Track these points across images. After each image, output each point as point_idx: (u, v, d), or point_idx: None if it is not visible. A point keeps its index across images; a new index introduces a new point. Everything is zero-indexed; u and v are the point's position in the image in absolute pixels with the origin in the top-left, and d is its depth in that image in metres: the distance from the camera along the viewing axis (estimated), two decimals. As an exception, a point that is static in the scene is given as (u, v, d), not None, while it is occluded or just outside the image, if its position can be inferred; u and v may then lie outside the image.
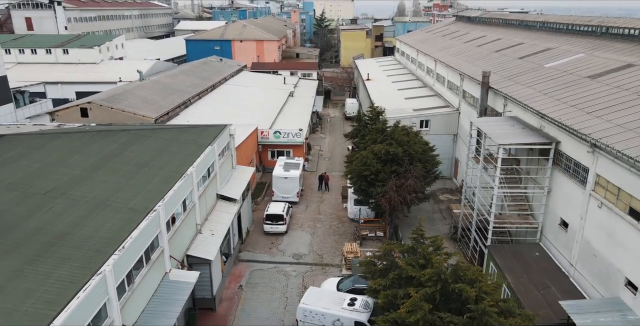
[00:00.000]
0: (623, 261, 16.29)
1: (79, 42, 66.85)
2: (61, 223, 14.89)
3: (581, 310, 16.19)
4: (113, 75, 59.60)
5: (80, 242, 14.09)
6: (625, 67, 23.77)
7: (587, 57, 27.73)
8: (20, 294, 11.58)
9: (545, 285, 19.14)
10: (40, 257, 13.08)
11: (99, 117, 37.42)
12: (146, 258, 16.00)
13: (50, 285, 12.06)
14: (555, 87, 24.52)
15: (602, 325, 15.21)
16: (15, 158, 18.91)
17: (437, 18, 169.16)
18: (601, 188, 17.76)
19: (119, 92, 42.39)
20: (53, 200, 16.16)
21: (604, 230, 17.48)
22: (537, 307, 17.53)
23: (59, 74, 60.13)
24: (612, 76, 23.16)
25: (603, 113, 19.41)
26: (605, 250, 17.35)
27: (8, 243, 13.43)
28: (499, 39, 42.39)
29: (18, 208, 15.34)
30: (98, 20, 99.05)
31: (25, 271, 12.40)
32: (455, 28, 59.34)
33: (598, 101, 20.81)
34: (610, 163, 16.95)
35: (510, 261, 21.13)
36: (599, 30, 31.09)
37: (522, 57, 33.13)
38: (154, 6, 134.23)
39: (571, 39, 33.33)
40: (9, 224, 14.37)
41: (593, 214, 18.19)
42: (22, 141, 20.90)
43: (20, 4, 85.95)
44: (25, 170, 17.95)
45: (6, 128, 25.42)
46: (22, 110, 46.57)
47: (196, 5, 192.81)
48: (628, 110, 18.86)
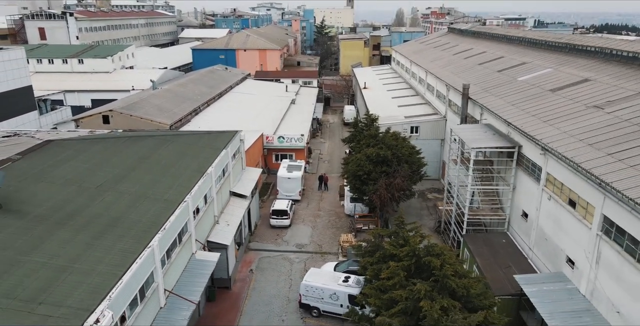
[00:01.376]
0: (564, 242, 20.13)
1: (93, 52, 70.87)
2: (113, 211, 18.73)
3: (530, 281, 20.02)
4: (126, 84, 63.58)
5: (131, 224, 17.94)
6: (581, 81, 27.68)
7: (553, 71, 31.64)
8: (93, 260, 15.39)
9: (507, 265, 22.93)
10: (103, 235, 16.90)
11: (120, 123, 41.29)
12: (179, 239, 19.82)
13: (114, 254, 15.88)
14: (522, 99, 28.43)
15: (545, 291, 19.02)
16: (67, 159, 22.76)
17: (435, 25, 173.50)
18: (550, 184, 21.61)
19: (136, 101, 46.31)
20: (104, 192, 20.01)
21: (552, 218, 21.32)
22: (498, 282, 21.37)
23: (74, 82, 64.10)
24: (569, 90, 27.06)
25: (555, 122, 23.28)
26: (553, 234, 21.18)
27: (77, 224, 17.26)
28: (483, 52, 46.33)
29: (78, 199, 19.18)
30: (107, 29, 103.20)
31: (94, 244, 16.21)
32: (447, 40, 63.33)
33: (553, 111, 24.70)
34: (556, 163, 20.80)
35: (481, 247, 24.93)
36: (567, 47, 35.04)
37: (501, 70, 37.05)
38: (159, 15, 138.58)
39: (544, 54, 37.26)
40: (74, 210, 18.20)
41: (545, 205, 22.03)
42: (68, 145, 24.75)
43: (34, 15, 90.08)
44: (77, 169, 21.80)
45: (46, 134, 29.30)
46: (44, 117, 50.43)
47: (199, 12, 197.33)
48: (575, 119, 22.73)
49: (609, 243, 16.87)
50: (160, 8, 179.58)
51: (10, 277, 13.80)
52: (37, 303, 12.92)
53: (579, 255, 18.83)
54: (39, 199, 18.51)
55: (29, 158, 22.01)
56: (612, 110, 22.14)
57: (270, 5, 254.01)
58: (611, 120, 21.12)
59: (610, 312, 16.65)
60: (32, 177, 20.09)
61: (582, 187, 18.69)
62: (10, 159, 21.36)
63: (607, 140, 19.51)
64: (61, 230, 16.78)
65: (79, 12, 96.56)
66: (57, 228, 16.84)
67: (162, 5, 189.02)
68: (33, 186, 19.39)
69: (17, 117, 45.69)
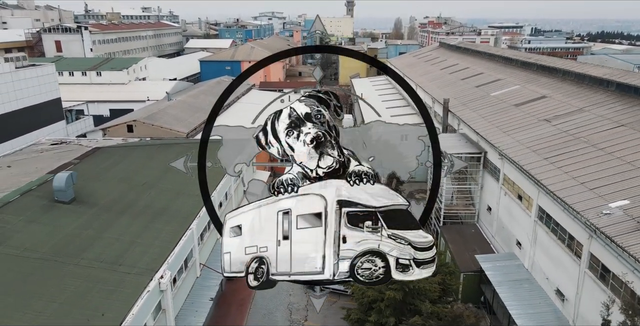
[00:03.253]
0: (515, 228, 25.28)
1: (110, 64, 76.30)
2: (158, 203, 23.90)
3: (488, 260, 25.17)
4: (141, 95, 68.85)
5: (174, 213, 23.10)
6: (540, 98, 32.94)
7: (520, 88, 36.91)
8: (151, 237, 20.52)
9: (474, 249, 28.04)
10: (154, 220, 22.06)
11: (142, 132, 46.48)
12: (208, 226, 24.98)
13: (165, 234, 21.03)
14: (492, 112, 33.67)
15: (498, 267, 24.17)
16: (115, 162, 27.95)
17: (432, 35, 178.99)
18: (506, 183, 26.79)
19: (155, 111, 51.59)
20: (149, 189, 25.19)
21: (507, 210, 26.49)
22: (465, 262, 26.48)
23: (94, 93, 69.35)
24: (529, 105, 32.31)
25: (512, 132, 28.50)
26: (507, 223, 26.34)
27: (133, 213, 22.43)
28: (467, 68, 51.67)
29: (129, 194, 24.35)
30: (118, 41, 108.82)
31: (149, 227, 21.37)
32: (437, 54, 68.76)
33: (513, 123, 29.92)
34: (509, 166, 25.98)
35: (454, 236, 30.08)
36: (535, 66, 40.34)
37: (478, 86, 42.34)
38: (166, 26, 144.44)
39: (516, 71, 42.56)
40: (129, 202, 23.37)
41: (502, 200, 27.19)
42: (112, 151, 29.95)
43: (51, 29, 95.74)
44: (125, 171, 26.99)
45: (89, 142, 34.49)
46: (70, 126, 55.67)
47: (203, 22, 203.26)
48: (527, 130, 27.95)
49: (542, 226, 22.03)
50: (165, 18, 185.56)
51: (95, 248, 18.94)
52: (118, 265, 18.06)
53: (524, 237, 23.98)
54: (100, 194, 23.68)
55: (86, 162, 27.19)
56: (557, 123, 27.37)
57: (272, 14, 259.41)
58: (553, 131, 26.34)
59: (543, 280, 21.78)
60: (92, 177, 25.25)
61: (526, 184, 23.86)
62: (71, 163, 26.54)
63: (546, 147, 24.70)
64: (122, 217, 21.94)
65: (92, 25, 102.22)
66: (119, 215, 22.00)
67: (166, 15, 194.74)
68: (94, 184, 24.55)
69: (48, 126, 50.94)
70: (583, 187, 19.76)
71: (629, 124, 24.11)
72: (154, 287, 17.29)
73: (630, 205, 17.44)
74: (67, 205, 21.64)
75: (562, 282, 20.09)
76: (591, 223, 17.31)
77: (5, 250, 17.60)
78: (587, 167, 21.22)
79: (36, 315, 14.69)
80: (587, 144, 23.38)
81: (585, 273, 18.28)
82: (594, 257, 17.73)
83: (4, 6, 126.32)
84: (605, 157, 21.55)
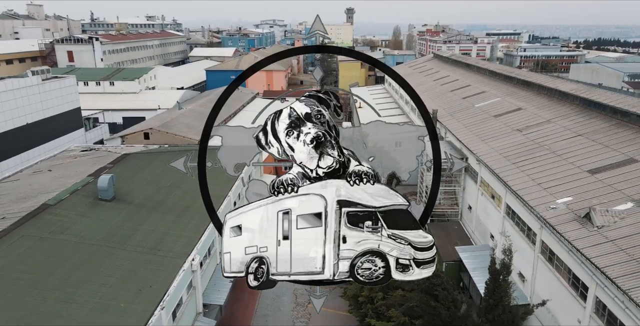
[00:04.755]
0: (489, 223, 29.36)
1: (122, 74, 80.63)
2: (183, 202, 27.97)
3: (465, 250, 29.22)
4: (152, 103, 73.12)
5: (196, 210, 27.12)
6: (516, 110, 37.10)
7: (501, 100, 41.10)
8: (180, 229, 24.60)
9: (455, 243, 32.10)
10: (181, 216, 26.15)
11: (158, 139, 50.59)
12: (225, 222, 29.02)
13: (191, 227, 25.09)
14: (473, 122, 37.82)
15: (474, 255, 28.23)
16: (143, 167, 32.07)
17: (430, 43, 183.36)
18: (482, 185, 30.89)
19: (168, 120, 55.82)
20: (174, 190, 29.30)
21: (483, 208, 30.58)
22: (447, 253, 30.50)
23: (107, 102, 73.58)
24: (506, 116, 36.47)
25: (489, 140, 32.64)
26: (484, 219, 30.42)
27: (163, 210, 26.53)
28: (457, 80, 55.88)
29: (158, 194, 28.46)
30: (127, 51, 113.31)
31: (177, 221, 25.46)
32: (431, 65, 73.05)
33: (491, 132, 34.06)
34: (485, 170, 30.08)
35: (439, 232, 34.09)
36: (515, 80, 44.54)
37: (465, 97, 46.52)
38: (171, 35, 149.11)
39: (499, 84, 46.77)
40: (158, 201, 27.48)
41: (480, 200, 31.28)
42: (139, 157, 34.09)
43: (64, 39, 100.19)
44: (152, 174, 31.10)
45: (114, 148, 38.63)
46: (88, 133, 59.86)
47: (206, 31, 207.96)
48: (502, 139, 32.09)
49: (509, 221, 26.11)
50: (169, 26, 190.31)
51: (137, 237, 23.04)
52: (156, 250, 22.17)
53: (495, 231, 28.06)
54: (134, 194, 27.80)
55: (118, 166, 31.30)
56: (527, 133, 31.51)
57: (273, 22, 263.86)
58: (523, 140, 30.48)
59: (509, 265, 25.81)
60: (125, 179, 29.35)
61: (497, 185, 27.96)
62: (106, 167, 30.66)
63: (515, 154, 28.82)
64: (154, 212, 26.06)
65: (102, 36, 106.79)
66: (151, 211, 26.13)
67: (170, 23, 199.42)
68: (128, 185, 28.66)
69: (69, 134, 55.12)
70: (539, 187, 23.86)
71: (585, 134, 28.24)
72: (187, 267, 21.38)
73: (573, 200, 21.52)
74: (108, 202, 25.78)
75: (523, 266, 24.14)
76: (541, 216, 21.40)
77: (66, 237, 21.72)
78: (544, 170, 25.33)
79: (100, 286, 18.78)
80: (548, 151, 27.52)
81: (538, 257, 22.34)
82: (544, 244, 21.80)
83: (15, 17, 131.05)
84: (561, 162, 25.67)
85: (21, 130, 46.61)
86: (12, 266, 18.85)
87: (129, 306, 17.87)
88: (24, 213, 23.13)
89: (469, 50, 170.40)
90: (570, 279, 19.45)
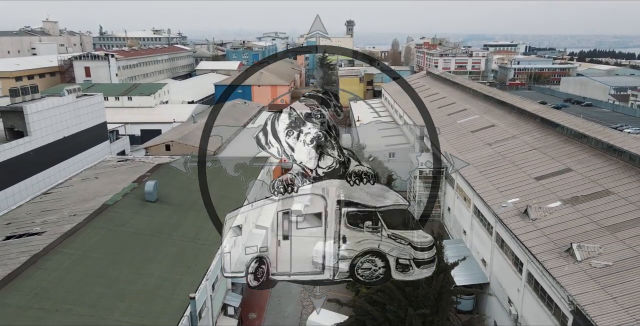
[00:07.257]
0: (462, 221, 35.58)
1: (138, 90, 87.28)
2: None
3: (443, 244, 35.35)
4: (167, 117, 79.64)
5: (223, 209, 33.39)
6: (490, 126, 43.45)
7: (479, 117, 47.47)
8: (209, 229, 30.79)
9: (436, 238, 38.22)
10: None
11: (178, 150, 56.84)
12: (245, 220, 35.30)
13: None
14: (454, 137, 44.15)
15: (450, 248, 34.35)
16: (175, 174, 38.24)
17: (427, 55, 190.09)
18: (458, 189, 37.13)
19: (186, 133, 62.20)
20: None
21: (458, 209, 36.80)
22: (429, 247, 36.69)
23: (126, 115, 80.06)
24: (481, 131, 42.80)
25: (465, 152, 38.92)
26: (459, 218, 36.64)
27: (196, 209, 32.70)
28: (444, 97, 62.33)
29: (191, 196, 34.66)
30: (139, 66, 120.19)
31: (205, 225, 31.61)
32: (424, 82, 79.59)
33: (467, 145, 40.37)
34: (459, 177, 36.33)
35: (425, 230, 40.30)
36: (492, 99, 50.94)
37: (450, 114, 52.90)
38: (179, 50, 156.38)
39: (480, 102, 53.16)
40: (191, 202, 33.68)
41: (456, 202, 37.51)
42: (170, 167, 40.36)
43: (81, 56, 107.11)
44: (183, 180, 37.32)
45: (146, 158, 44.93)
46: (112, 145, 66.22)
47: (211, 44, 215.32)
48: (475, 151, 38.39)
49: (475, 218, 32.35)
50: (175, 39, 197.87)
51: (180, 230, 29.28)
52: (196, 239, 28.42)
53: (467, 226, 34.27)
54: (172, 197, 34.07)
55: (155, 174, 37.59)
56: (495, 147, 37.84)
57: (275, 35, 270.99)
58: (491, 153, 36.80)
59: (475, 253, 32.02)
60: (163, 184, 35.61)
61: (468, 190, 34.22)
62: (146, 175, 36.98)
63: (483, 164, 35.12)
64: (190, 211, 32.32)
65: (117, 52, 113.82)
66: (187, 211, 32.38)
67: (176, 37, 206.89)
68: (165, 189, 34.94)
69: (97, 145, 61.50)
70: (497, 190, 30.14)
71: (539, 148, 34.56)
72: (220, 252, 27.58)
73: (519, 200, 27.78)
74: (153, 203, 32.09)
75: (484, 253, 30.32)
76: (495, 213, 27.66)
77: (127, 229, 28.00)
78: (503, 177, 31.63)
79: (159, 264, 25.02)
80: (508, 162, 33.84)
81: (494, 245, 28.55)
82: (498, 235, 28.02)
83: (33, 33, 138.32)
84: (516, 170, 31.97)
85: (59, 142, 52.85)
86: (94, 249, 25.13)
87: (183, 277, 24.12)
88: (90, 211, 29.43)
89: (465, 63, 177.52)
90: (513, 259, 25.67)
